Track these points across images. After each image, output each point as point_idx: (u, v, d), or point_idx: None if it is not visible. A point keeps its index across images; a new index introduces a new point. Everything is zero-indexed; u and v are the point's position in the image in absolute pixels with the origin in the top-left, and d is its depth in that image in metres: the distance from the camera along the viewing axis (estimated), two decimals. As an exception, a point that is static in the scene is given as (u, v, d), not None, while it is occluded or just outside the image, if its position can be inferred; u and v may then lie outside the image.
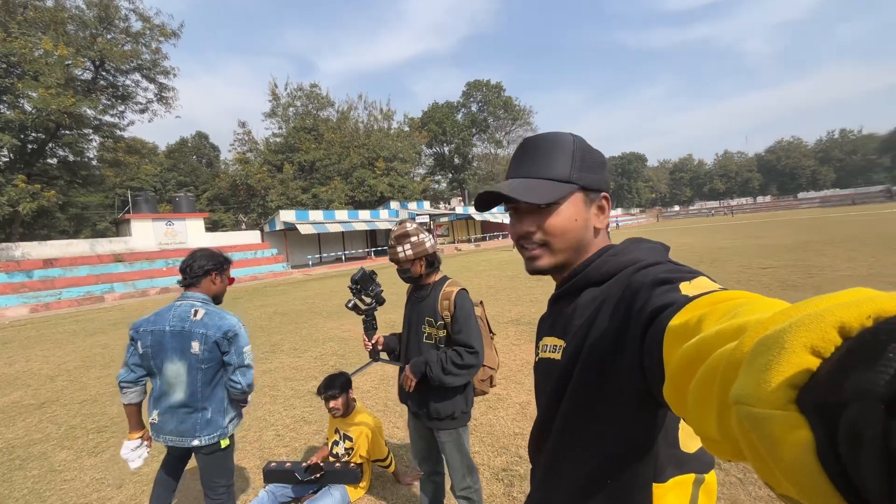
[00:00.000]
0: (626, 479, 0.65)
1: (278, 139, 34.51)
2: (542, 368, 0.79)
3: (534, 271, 0.81)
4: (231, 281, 2.21)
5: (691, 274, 0.56)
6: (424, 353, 2.00)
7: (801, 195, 75.23)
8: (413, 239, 1.98)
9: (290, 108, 35.13)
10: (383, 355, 2.24)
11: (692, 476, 0.68)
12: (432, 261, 2.01)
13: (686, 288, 0.52)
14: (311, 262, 25.79)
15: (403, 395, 2.08)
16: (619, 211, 64.12)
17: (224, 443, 2.03)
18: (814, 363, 0.27)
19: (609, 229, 0.84)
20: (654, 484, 0.65)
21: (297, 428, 3.70)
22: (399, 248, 1.97)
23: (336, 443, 2.73)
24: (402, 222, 2.03)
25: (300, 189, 31.34)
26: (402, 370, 2.13)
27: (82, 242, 19.61)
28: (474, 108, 50.83)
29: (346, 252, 28.79)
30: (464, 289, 2.01)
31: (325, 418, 3.84)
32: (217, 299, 2.14)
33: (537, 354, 0.83)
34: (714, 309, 0.42)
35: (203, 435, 1.99)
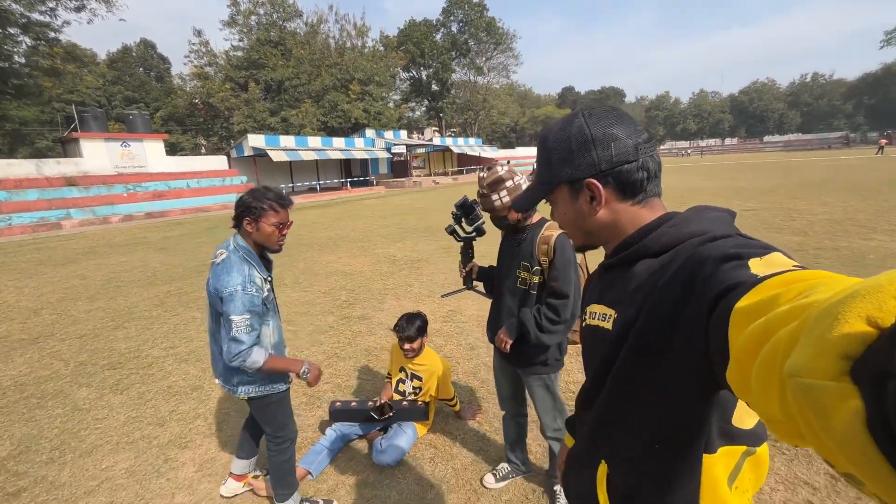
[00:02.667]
0: (675, 448, 0.65)
1: (239, 53, 31.09)
2: (590, 335, 0.79)
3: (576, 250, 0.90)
4: (282, 229, 1.82)
5: (764, 249, 0.51)
6: (515, 297, 1.91)
7: (766, 139, 77.33)
8: (508, 184, 1.80)
9: (252, 17, 31.37)
10: (478, 285, 2.18)
11: (742, 448, 0.68)
12: None
13: (756, 265, 0.48)
14: (284, 192, 24.60)
15: (492, 334, 2.02)
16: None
17: (243, 397, 1.91)
18: (871, 334, 0.26)
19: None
20: (704, 455, 0.65)
21: (333, 364, 3.67)
22: (494, 196, 1.81)
23: (402, 381, 2.70)
24: (490, 167, 1.85)
25: (268, 111, 28.99)
26: (491, 311, 2.06)
27: (26, 163, 17.64)
28: (454, 28, 47.11)
29: (320, 182, 27.59)
30: (564, 232, 1.89)
31: (358, 353, 3.81)
32: (265, 249, 1.86)
33: (583, 320, 0.83)
34: (788, 289, 0.39)
35: (225, 384, 1.91)
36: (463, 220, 2.02)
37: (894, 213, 8.86)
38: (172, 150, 32.22)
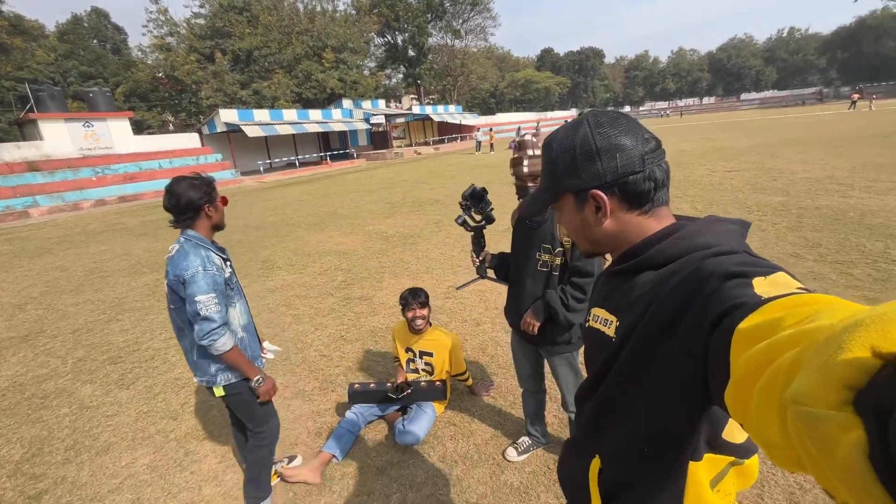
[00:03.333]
0: (663, 454, 0.68)
1: (202, 21, 29.20)
2: (592, 337, 0.81)
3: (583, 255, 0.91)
4: (224, 201, 1.88)
5: (770, 269, 0.51)
6: (536, 281, 1.92)
7: (743, 96, 77.73)
8: (530, 152, 1.79)
9: (212, -19, 29.26)
10: (490, 273, 2.18)
11: (729, 458, 0.71)
12: None
13: (760, 284, 0.48)
14: (262, 169, 23.87)
15: (513, 318, 2.04)
16: (573, 111, 63.31)
17: (217, 391, 1.85)
18: (875, 364, 0.26)
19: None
20: (690, 462, 0.68)
21: (339, 347, 3.68)
22: (524, 164, 1.84)
23: (411, 360, 2.73)
24: (524, 134, 1.84)
25: (238, 84, 27.64)
26: (510, 297, 2.06)
27: (-18, 148, 16.60)
28: (428, -12, 45.02)
29: (299, 157, 26.78)
30: None
31: (364, 335, 3.83)
32: (217, 229, 1.88)
33: (587, 321, 0.85)
34: (791, 313, 0.39)
35: (203, 376, 1.86)
36: (472, 209, 1.99)
37: (869, 169, 9.13)
38: (138, 128, 30.62)
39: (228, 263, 1.88)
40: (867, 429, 0.25)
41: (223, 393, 1.86)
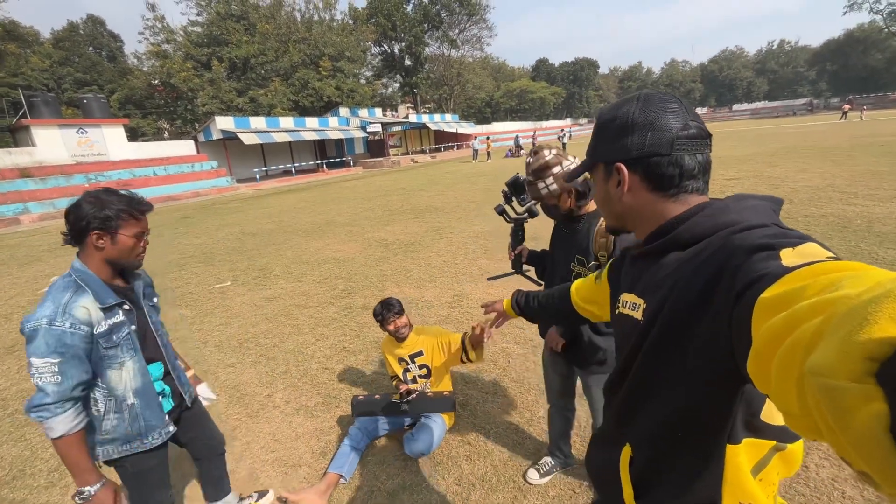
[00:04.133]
0: (697, 437, 0.66)
1: (198, 28, 29.18)
2: (621, 324, 0.80)
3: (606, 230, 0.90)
4: (145, 242, 1.49)
5: (799, 239, 0.50)
6: None
7: (735, 107, 78.89)
8: (556, 170, 1.64)
9: (210, -12, 29.33)
10: (528, 270, 2.06)
11: (771, 442, 0.69)
12: (584, 190, 1.67)
13: (788, 255, 0.47)
14: (258, 177, 23.69)
15: (543, 328, 1.90)
16: (567, 121, 63.83)
17: (99, 464, 1.45)
18: None
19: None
20: (727, 445, 0.66)
21: (343, 358, 3.51)
22: (541, 184, 1.65)
23: (407, 370, 2.57)
24: (537, 151, 1.68)
25: (235, 91, 27.55)
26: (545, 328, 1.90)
27: (-28, 154, 16.31)
28: (426, -1, 45.46)
29: (295, 164, 26.63)
30: None
31: (368, 346, 3.66)
32: (124, 267, 1.49)
33: (616, 308, 0.83)
34: (815, 281, 0.39)
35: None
36: (514, 199, 1.86)
37: (869, 177, 9.13)
38: (133, 135, 30.39)
39: (123, 310, 1.45)
40: (889, 401, 0.25)
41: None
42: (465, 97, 51.73)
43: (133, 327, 1.48)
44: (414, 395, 2.38)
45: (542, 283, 1.98)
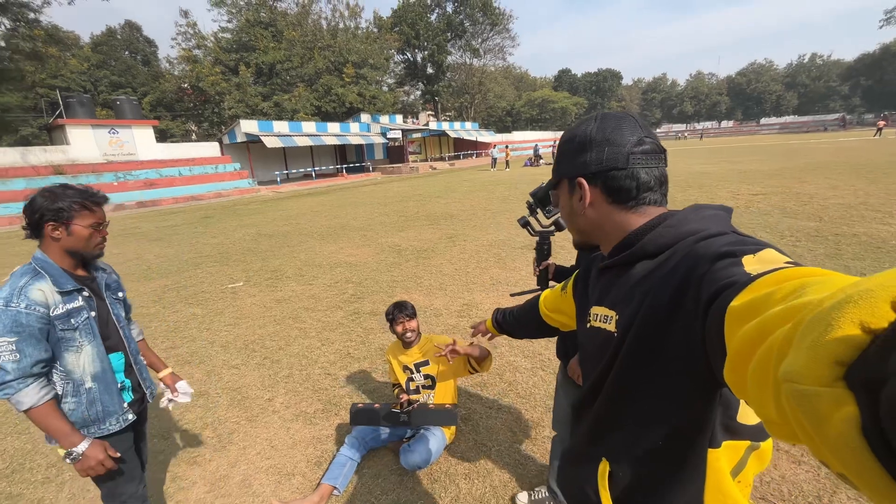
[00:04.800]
0: (678, 445, 0.66)
1: (228, 35, 30.08)
2: (592, 337, 0.79)
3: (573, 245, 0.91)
4: (102, 231, 1.52)
5: (756, 246, 0.53)
6: None
7: (763, 121, 76.93)
8: None
9: (241, -4, 30.27)
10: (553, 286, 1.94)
11: (746, 443, 0.70)
12: None
13: (750, 262, 0.49)
14: (279, 179, 24.12)
15: (561, 353, 1.79)
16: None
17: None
18: (865, 339, 0.27)
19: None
20: (709, 450, 0.67)
21: (346, 365, 3.45)
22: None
23: (411, 379, 2.48)
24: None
25: (260, 96, 28.20)
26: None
27: (10, 151, 17.04)
28: (449, 8, 45.71)
29: (316, 168, 27.05)
30: None
31: (373, 353, 3.60)
32: (83, 257, 1.51)
33: (587, 322, 0.82)
34: (780, 288, 0.40)
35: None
36: (539, 210, 1.76)
37: (906, 196, 8.70)
38: (162, 136, 31.40)
39: (82, 296, 1.48)
40: (859, 403, 0.26)
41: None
42: (485, 106, 51.86)
43: (93, 314, 1.51)
44: (414, 406, 2.30)
45: None
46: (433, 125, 34.58)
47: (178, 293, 5.64)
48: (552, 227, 1.80)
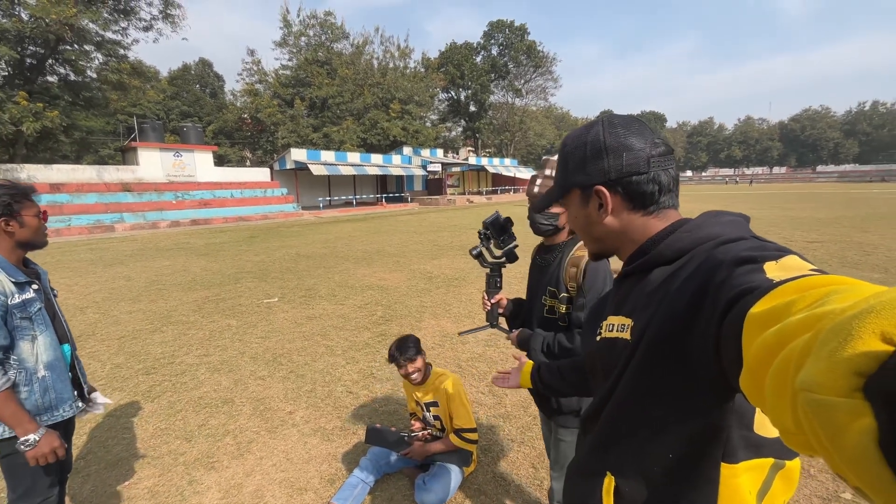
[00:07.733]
0: (689, 456, 0.64)
1: (288, 72, 32.57)
2: (607, 348, 0.76)
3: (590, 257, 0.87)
4: (44, 217, 1.58)
5: (779, 252, 0.50)
6: (544, 329, 1.59)
7: (819, 168, 73.25)
8: (547, 171, 1.47)
9: (302, 38, 32.92)
10: (502, 322, 1.81)
11: (770, 461, 0.66)
12: None
13: (771, 269, 0.47)
14: (322, 205, 25.18)
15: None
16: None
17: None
18: (886, 351, 0.26)
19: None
20: (722, 463, 0.64)
21: (368, 385, 3.42)
22: (537, 183, 1.50)
23: (424, 416, 2.42)
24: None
25: (311, 127, 30.00)
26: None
27: (88, 169, 18.87)
28: (495, 51, 47.66)
29: (357, 196, 28.07)
30: None
31: (396, 375, 3.55)
32: (32, 247, 1.56)
33: (599, 334, 0.79)
34: (803, 296, 0.38)
35: None
36: (492, 241, 1.69)
37: None
38: (220, 161, 33.77)
39: (32, 289, 1.52)
40: (877, 415, 0.25)
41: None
42: (525, 143, 52.57)
43: (42, 305, 1.55)
44: (424, 433, 2.25)
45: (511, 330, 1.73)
46: (472, 160, 35.32)
47: (216, 304, 5.87)
48: (504, 259, 1.71)
